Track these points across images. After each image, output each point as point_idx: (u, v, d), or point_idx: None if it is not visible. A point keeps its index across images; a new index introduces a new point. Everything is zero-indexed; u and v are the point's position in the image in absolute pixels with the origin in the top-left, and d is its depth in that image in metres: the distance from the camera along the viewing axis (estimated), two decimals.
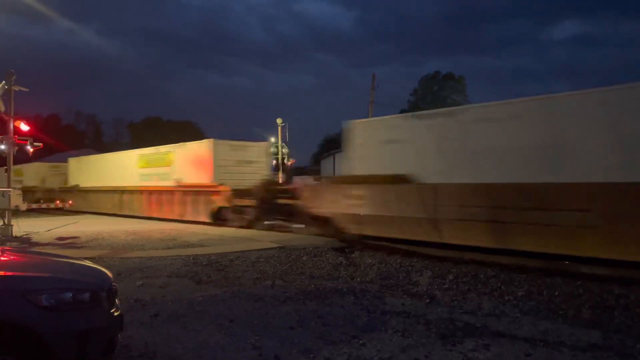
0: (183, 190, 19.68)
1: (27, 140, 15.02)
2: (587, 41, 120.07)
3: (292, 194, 14.82)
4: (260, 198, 16.30)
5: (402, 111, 44.07)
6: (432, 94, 55.12)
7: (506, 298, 7.20)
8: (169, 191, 20.41)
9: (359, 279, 8.54)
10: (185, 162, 19.91)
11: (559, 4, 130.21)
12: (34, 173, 32.09)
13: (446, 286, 7.97)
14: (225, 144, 19.02)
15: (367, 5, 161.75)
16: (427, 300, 7.03)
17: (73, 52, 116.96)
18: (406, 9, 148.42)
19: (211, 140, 18.93)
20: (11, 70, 14.28)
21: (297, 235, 14.17)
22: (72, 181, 29.25)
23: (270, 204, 15.99)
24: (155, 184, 21.40)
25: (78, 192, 27.80)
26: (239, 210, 17.16)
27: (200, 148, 19.28)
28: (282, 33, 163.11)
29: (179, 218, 19.65)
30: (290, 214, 14.91)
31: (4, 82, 14.18)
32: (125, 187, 23.63)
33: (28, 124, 15.03)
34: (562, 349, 4.91)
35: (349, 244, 12.41)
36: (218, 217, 17.98)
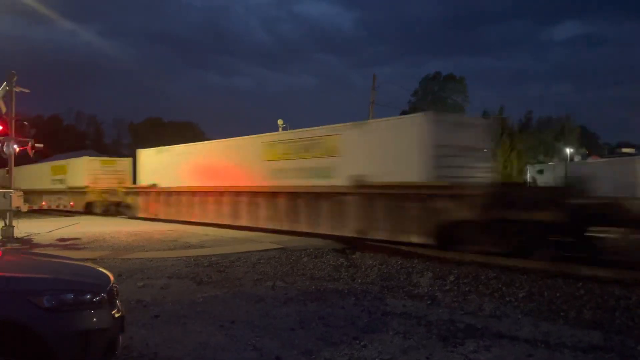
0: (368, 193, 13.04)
1: (28, 142, 15.03)
2: (588, 42, 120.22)
3: None
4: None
5: (402, 112, 44.06)
6: (433, 94, 55.09)
7: (507, 299, 7.20)
8: (337, 193, 13.79)
9: (359, 280, 8.54)
10: (365, 149, 13.44)
11: (559, 4, 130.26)
12: (82, 170, 27.28)
13: (447, 287, 7.96)
14: (445, 121, 12.55)
15: (368, 6, 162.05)
16: (428, 302, 7.02)
17: (74, 53, 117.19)
18: (407, 9, 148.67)
19: (424, 114, 12.77)
20: (12, 71, 14.31)
21: (298, 237, 14.17)
22: (144, 179, 22.64)
23: None
24: (306, 183, 14.75)
25: (157, 194, 21.55)
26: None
27: (402, 125, 13.15)
28: (283, 33, 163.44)
29: (385, 238, 12.51)
30: None
31: (5, 83, 14.20)
32: (251, 187, 16.77)
33: (29, 125, 15.03)
34: (563, 350, 4.91)
35: (350, 245, 12.41)
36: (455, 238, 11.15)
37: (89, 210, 26.33)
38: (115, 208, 25.06)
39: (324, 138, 14.54)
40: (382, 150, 12.88)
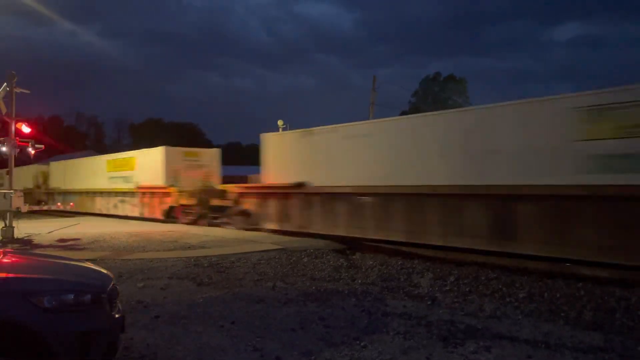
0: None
1: (28, 142, 15.05)
2: (589, 42, 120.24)
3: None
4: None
5: (402, 112, 44.12)
6: (433, 95, 55.14)
7: (507, 300, 7.20)
8: None
9: (360, 281, 8.54)
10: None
11: (560, 5, 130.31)
12: (159, 164, 21.31)
13: (447, 288, 7.96)
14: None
15: (368, 6, 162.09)
16: (429, 302, 7.02)
17: (74, 53, 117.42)
18: (407, 10, 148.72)
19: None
20: (13, 72, 14.32)
21: (298, 238, 14.16)
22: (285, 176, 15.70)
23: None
24: None
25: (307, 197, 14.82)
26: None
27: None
28: (283, 34, 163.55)
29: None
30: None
31: (5, 84, 14.21)
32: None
33: (29, 125, 15.05)
34: (563, 351, 4.91)
35: (350, 246, 12.41)
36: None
37: (170, 217, 20.65)
38: (216, 215, 18.45)
39: None
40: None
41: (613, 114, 8.75)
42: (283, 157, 16.10)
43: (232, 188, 18.08)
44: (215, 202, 18.42)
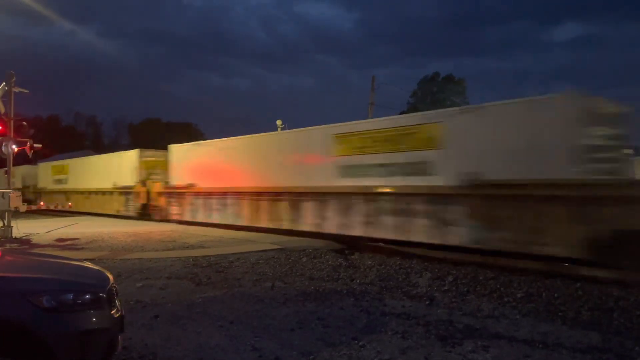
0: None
1: (27, 142, 15.04)
2: (589, 43, 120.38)
3: None
4: None
5: (401, 112, 44.09)
6: (432, 95, 55.17)
7: (505, 300, 7.22)
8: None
9: (358, 281, 8.55)
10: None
11: (560, 5, 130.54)
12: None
13: (445, 288, 7.98)
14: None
15: (368, 6, 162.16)
16: (427, 302, 7.04)
17: (73, 53, 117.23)
18: (407, 10, 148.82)
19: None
20: (11, 71, 14.31)
21: (297, 237, 14.17)
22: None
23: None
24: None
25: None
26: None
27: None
28: (283, 34, 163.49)
29: None
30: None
31: (4, 83, 14.20)
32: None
33: (28, 125, 15.03)
34: (561, 351, 4.93)
35: (349, 246, 12.43)
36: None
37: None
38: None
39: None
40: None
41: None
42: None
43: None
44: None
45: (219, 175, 17.74)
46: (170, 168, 20.94)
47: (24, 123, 14.71)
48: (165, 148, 21.83)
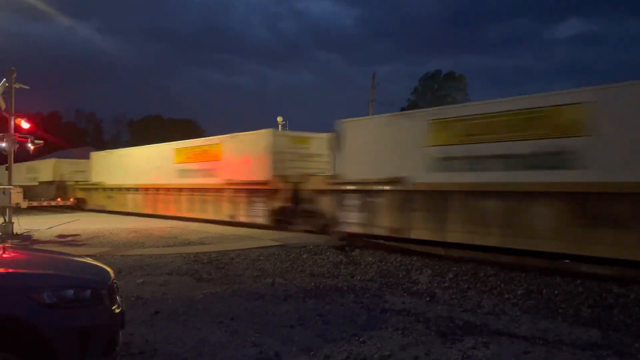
0: None
1: (27, 138, 15.04)
2: (591, 40, 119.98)
3: None
4: None
5: (402, 109, 44.07)
6: (433, 92, 55.10)
7: (506, 296, 7.22)
8: None
9: (359, 277, 8.56)
10: None
11: (562, 2, 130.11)
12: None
13: (446, 284, 7.99)
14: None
15: (369, 3, 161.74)
16: (427, 299, 7.05)
17: (73, 50, 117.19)
18: (408, 7, 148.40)
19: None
20: (12, 68, 14.30)
21: (298, 234, 14.19)
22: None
23: None
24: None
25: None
26: None
27: None
28: (284, 31, 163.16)
29: None
30: None
31: (4, 80, 14.20)
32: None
33: (29, 121, 15.04)
34: (561, 348, 4.93)
35: (349, 242, 12.44)
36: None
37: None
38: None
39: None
40: None
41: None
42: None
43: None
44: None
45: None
46: (343, 153, 14.62)
47: (25, 119, 14.71)
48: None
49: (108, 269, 4.29)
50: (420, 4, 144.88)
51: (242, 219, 16.88)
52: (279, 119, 21.93)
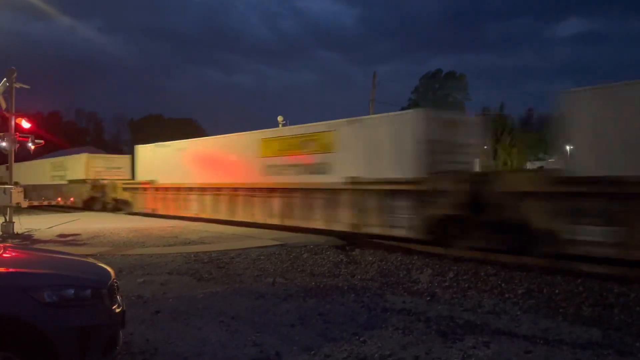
0: None
1: (28, 138, 15.05)
2: (592, 39, 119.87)
3: None
4: None
5: (402, 108, 44.02)
6: (433, 92, 55.05)
7: (506, 296, 7.21)
8: None
9: (359, 277, 8.56)
10: None
11: (563, 1, 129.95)
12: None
13: (446, 284, 7.98)
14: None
15: (369, 2, 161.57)
16: (428, 298, 7.04)
17: (74, 49, 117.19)
18: (409, 6, 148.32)
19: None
20: (12, 67, 14.31)
21: (298, 234, 14.18)
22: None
23: None
24: None
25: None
26: None
27: None
28: (284, 30, 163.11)
29: None
30: None
31: (5, 79, 14.20)
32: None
33: (29, 121, 15.04)
34: (562, 347, 4.93)
35: (350, 241, 12.44)
36: None
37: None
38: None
39: None
40: None
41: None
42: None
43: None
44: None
45: None
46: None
47: (25, 119, 14.71)
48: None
49: (108, 268, 4.29)
50: (421, 3, 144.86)
51: (375, 229, 12.62)
52: (280, 118, 21.88)
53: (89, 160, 27.28)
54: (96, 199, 25.75)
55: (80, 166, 27.29)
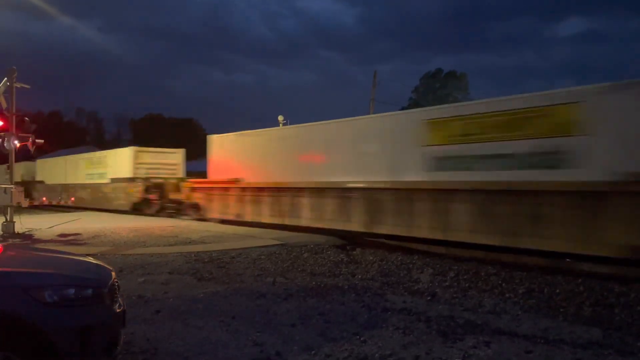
0: None
1: (29, 137, 15.03)
2: (593, 38, 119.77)
3: None
4: None
5: (402, 108, 43.99)
6: (434, 91, 55.03)
7: (507, 295, 7.22)
8: None
9: (360, 276, 8.56)
10: None
11: (563, 0, 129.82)
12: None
13: (447, 283, 7.98)
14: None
15: (371, 2, 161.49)
16: (428, 298, 7.04)
17: (74, 49, 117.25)
18: (410, 5, 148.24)
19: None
20: (13, 67, 14.30)
21: (299, 233, 14.18)
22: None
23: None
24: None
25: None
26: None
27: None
28: (285, 29, 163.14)
29: None
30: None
31: (5, 79, 14.19)
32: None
33: (30, 120, 15.02)
34: (562, 347, 4.93)
35: (350, 241, 12.44)
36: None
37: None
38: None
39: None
40: None
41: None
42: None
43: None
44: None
45: None
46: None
47: (26, 118, 14.70)
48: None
49: (109, 267, 4.30)
50: (421, 2, 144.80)
51: None
52: (280, 117, 21.84)
53: (136, 155, 22.89)
54: (150, 202, 21.74)
55: (124, 162, 23.19)
